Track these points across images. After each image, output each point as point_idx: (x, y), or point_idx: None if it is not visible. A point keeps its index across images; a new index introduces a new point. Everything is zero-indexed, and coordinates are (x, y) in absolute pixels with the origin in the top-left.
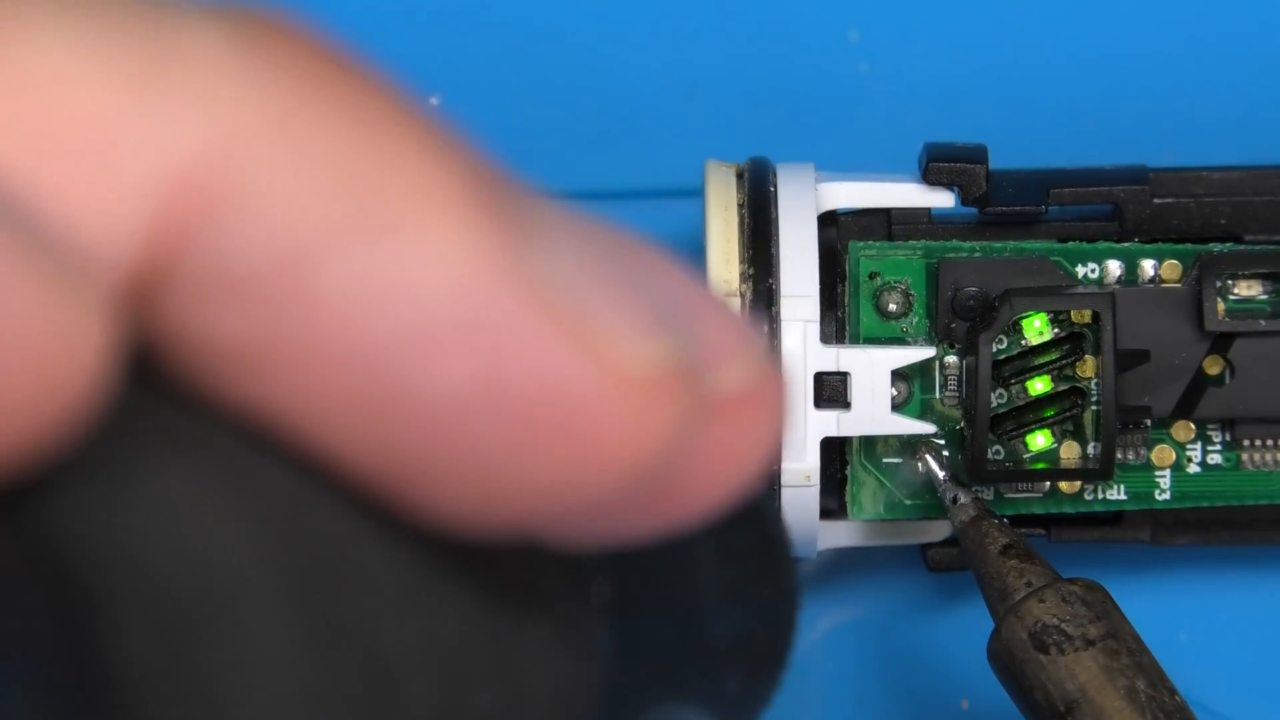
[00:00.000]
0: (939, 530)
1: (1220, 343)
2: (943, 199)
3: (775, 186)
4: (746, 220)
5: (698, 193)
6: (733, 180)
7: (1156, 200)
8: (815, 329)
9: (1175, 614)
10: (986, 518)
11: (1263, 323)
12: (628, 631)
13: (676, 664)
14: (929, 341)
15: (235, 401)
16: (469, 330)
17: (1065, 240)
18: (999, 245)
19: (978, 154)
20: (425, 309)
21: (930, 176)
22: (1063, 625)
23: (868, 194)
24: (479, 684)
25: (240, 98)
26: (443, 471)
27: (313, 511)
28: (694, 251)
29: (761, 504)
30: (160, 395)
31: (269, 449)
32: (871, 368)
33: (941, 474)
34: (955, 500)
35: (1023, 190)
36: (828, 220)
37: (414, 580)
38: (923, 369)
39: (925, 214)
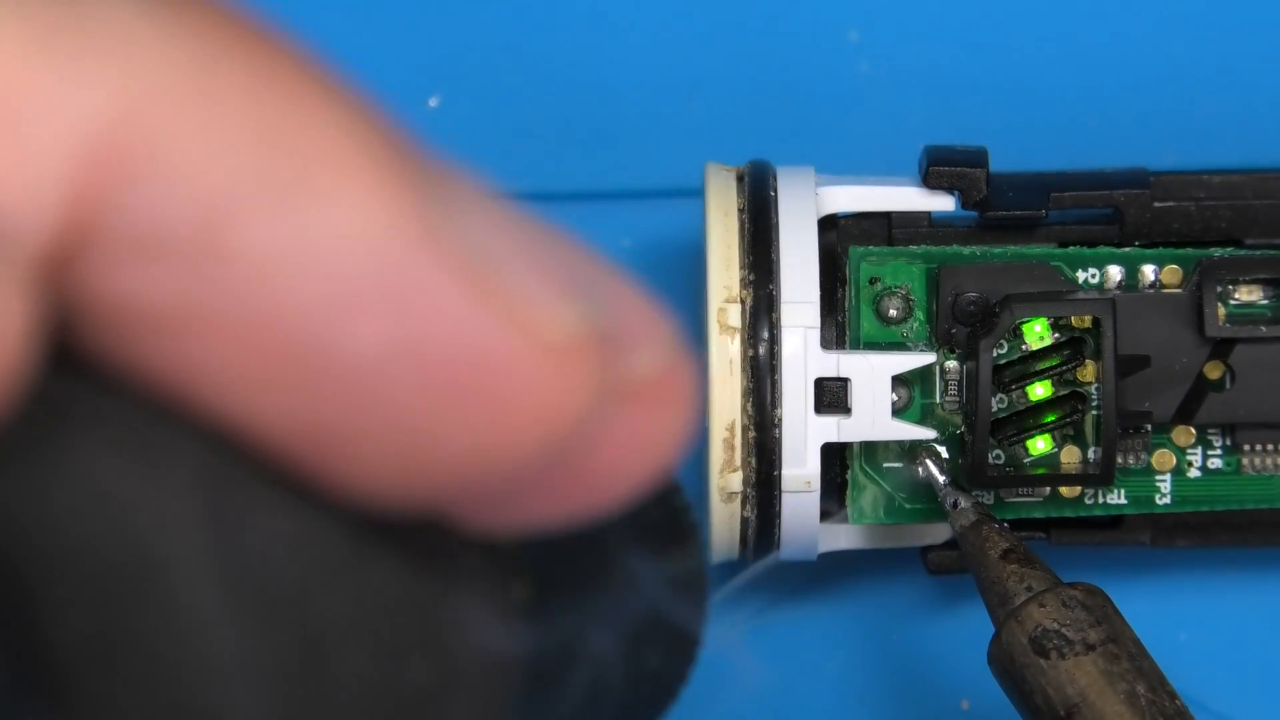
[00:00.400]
0: (939, 533)
1: (1221, 348)
2: (943, 203)
3: (775, 191)
4: (747, 226)
5: (698, 193)
6: (733, 184)
7: (1157, 204)
8: (816, 335)
9: (1175, 616)
10: (987, 522)
11: (1263, 328)
12: (547, 613)
13: (593, 641)
14: (929, 347)
15: (152, 370)
16: (384, 292)
17: (1066, 244)
18: (999, 250)
19: (978, 157)
20: (340, 270)
21: (930, 180)
22: (1063, 630)
23: (868, 198)
24: (412, 656)
25: (151, 58)
26: (359, 437)
27: (238, 483)
28: (694, 253)
29: (670, 495)
30: (78, 371)
31: (191, 422)
32: (872, 373)
33: (941, 479)
34: (955, 505)
35: (1023, 194)
36: (828, 224)
37: (340, 551)
38: (923, 374)
39: (925, 218)
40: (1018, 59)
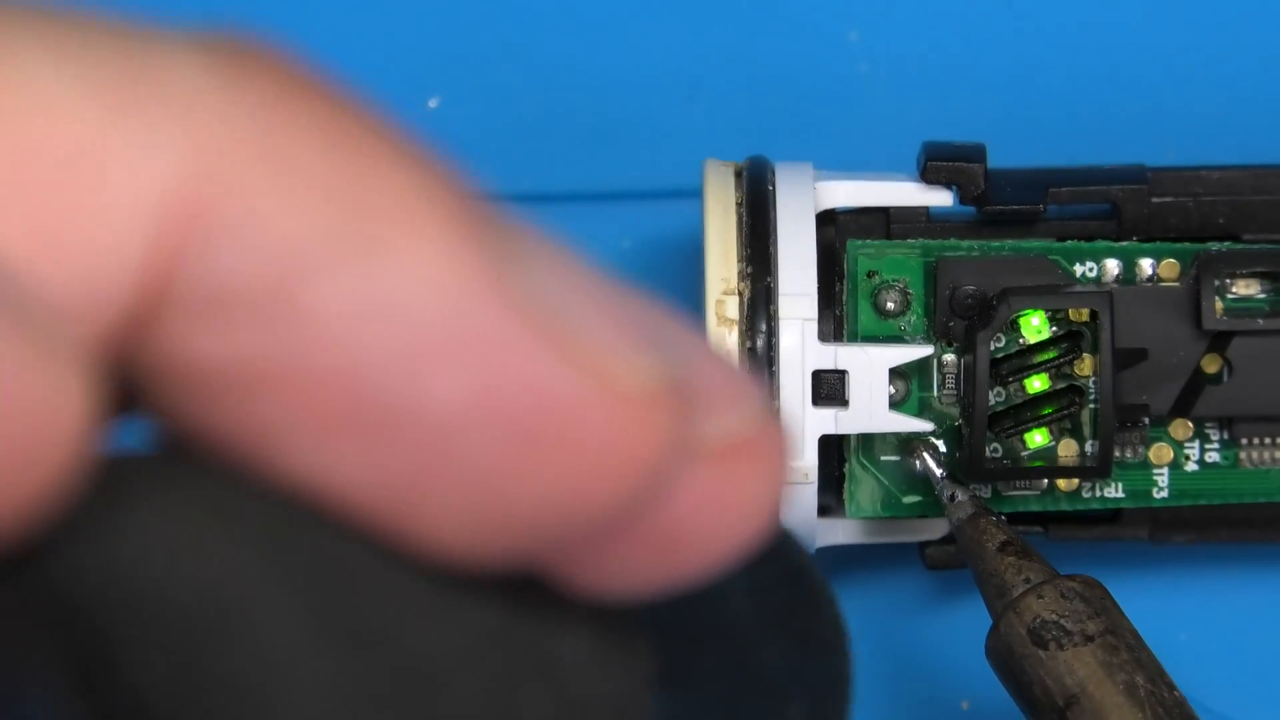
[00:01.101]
0: (937, 528)
1: (1218, 341)
2: (941, 198)
3: (774, 185)
4: (745, 219)
5: (698, 193)
6: (731, 179)
7: (1155, 200)
8: (813, 327)
9: (1175, 616)
10: (984, 515)
11: (1260, 321)
12: (675, 686)
13: (731, 705)
14: (927, 340)
15: (229, 429)
16: (459, 345)
17: (1063, 239)
18: (997, 244)
19: (976, 153)
20: (415, 324)
21: (928, 175)
22: (1061, 621)
23: (866, 193)
24: (525, 687)
25: (223, 119)
26: (438, 492)
27: (313, 532)
28: (693, 252)
29: (786, 547)
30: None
31: (262, 481)
32: (869, 366)
33: (939, 472)
34: (953, 498)
35: (1021, 189)
36: (826, 219)
37: (433, 590)
38: (920, 367)
39: (924, 213)
40: (1017, 58)
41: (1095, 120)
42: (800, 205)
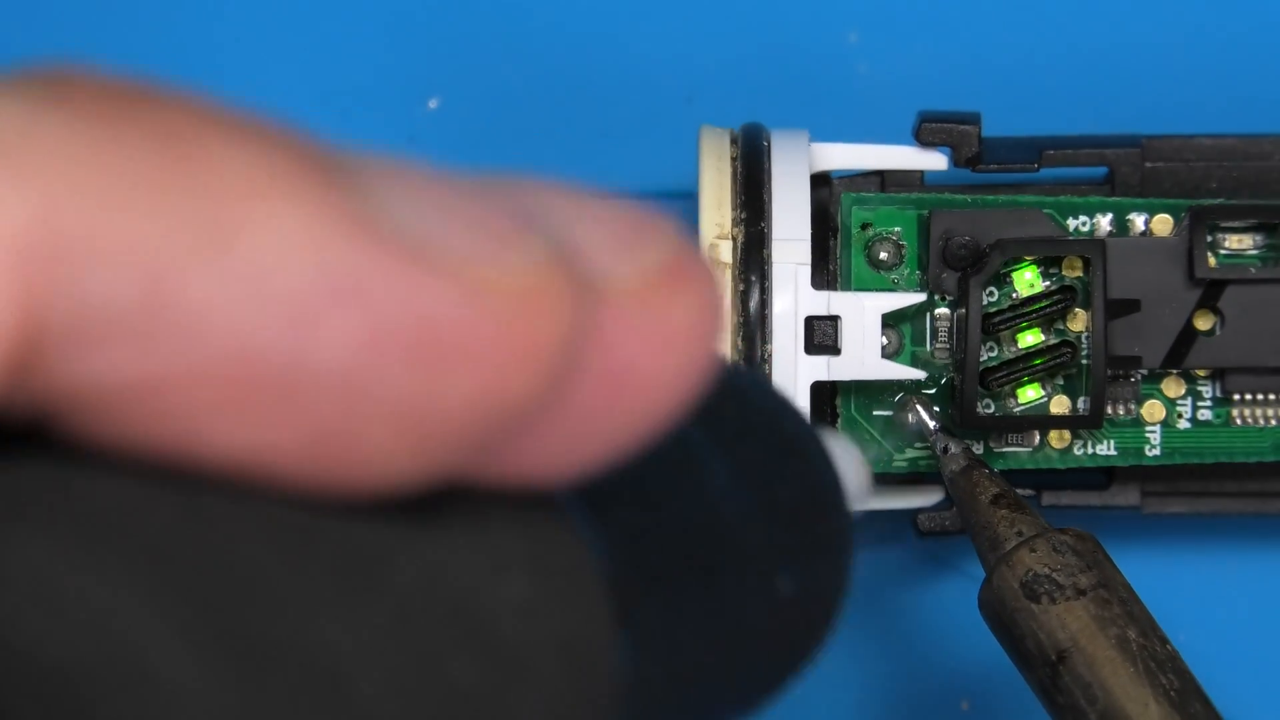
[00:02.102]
0: (928, 495)
1: (1210, 293)
2: (935, 160)
3: (769, 143)
4: (739, 169)
5: (698, 194)
6: (726, 137)
7: (1148, 164)
8: (806, 272)
9: (1175, 614)
10: (977, 467)
11: (1253, 270)
12: (644, 601)
13: (711, 599)
14: (921, 291)
15: (144, 438)
16: (336, 296)
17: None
18: (991, 198)
19: (971, 117)
20: (288, 291)
21: (923, 136)
22: (1054, 574)
23: (861, 156)
24: (451, 656)
25: (53, 154)
26: (361, 434)
27: (200, 538)
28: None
29: (752, 395)
30: (19, 471)
31: (150, 492)
32: (862, 312)
33: (932, 424)
34: (946, 450)
35: (1015, 150)
36: (821, 182)
37: (333, 579)
38: (913, 320)
39: (918, 177)
40: (1013, 35)
41: (1091, 94)
42: (795, 160)
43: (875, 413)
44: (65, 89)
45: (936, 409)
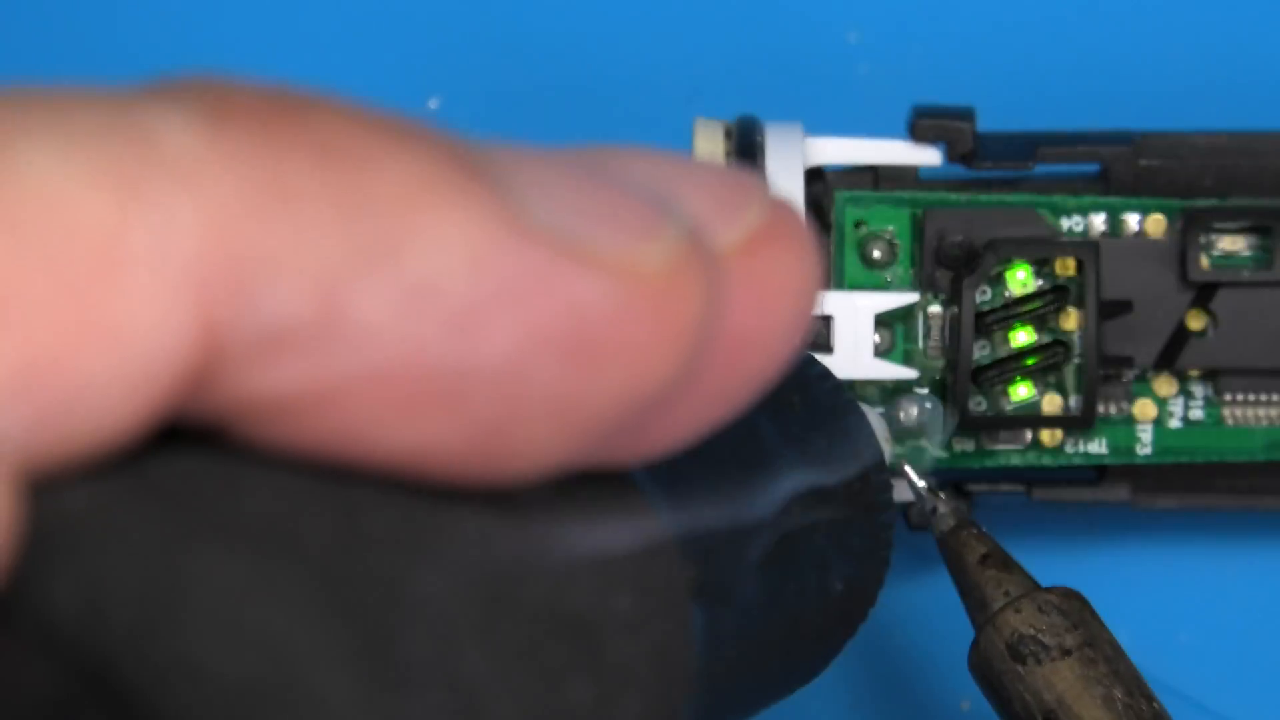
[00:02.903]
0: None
1: (1203, 295)
2: (929, 156)
3: (762, 137)
4: (733, 158)
5: None
6: (720, 131)
7: (1142, 161)
8: None
9: (1174, 613)
10: (965, 527)
11: (1246, 273)
12: (717, 588)
13: (777, 588)
14: (914, 290)
15: (318, 444)
16: (498, 298)
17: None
18: (985, 197)
19: (965, 113)
20: (455, 297)
21: (917, 132)
22: (1039, 635)
23: (855, 150)
24: (569, 676)
25: (223, 173)
26: (520, 427)
27: (363, 556)
28: None
29: (813, 384)
30: (190, 483)
31: (314, 504)
32: (854, 312)
33: (921, 484)
34: (934, 511)
35: (1009, 147)
36: (814, 177)
37: (476, 594)
38: (906, 319)
39: (912, 173)
40: (1012, 53)
41: (1086, 91)
42: (789, 154)
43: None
44: (224, 103)
45: (919, 408)
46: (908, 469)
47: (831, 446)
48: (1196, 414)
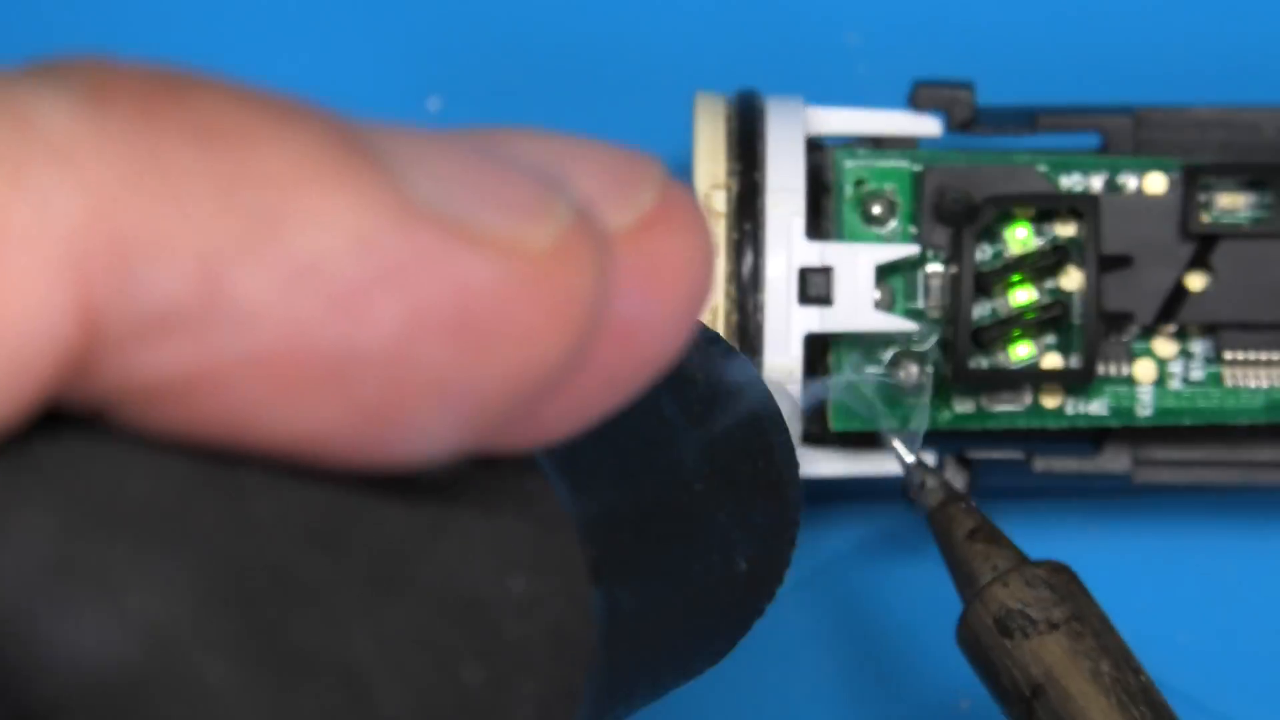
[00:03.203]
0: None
1: (1203, 247)
2: (930, 125)
3: (764, 105)
4: (735, 124)
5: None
6: (721, 101)
7: (1143, 134)
8: (800, 223)
9: (1175, 614)
10: (953, 502)
11: (1246, 226)
12: (618, 570)
13: (678, 573)
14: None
15: (200, 426)
16: (381, 276)
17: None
18: (985, 154)
19: (965, 84)
20: (342, 277)
21: (918, 100)
22: (1027, 610)
23: (855, 120)
24: (462, 659)
25: (102, 154)
26: (407, 411)
27: (249, 541)
28: None
29: (721, 364)
30: (71, 468)
31: (199, 488)
32: (856, 264)
33: (909, 458)
34: (922, 485)
35: (1009, 116)
36: (815, 148)
37: (365, 577)
38: (906, 277)
39: (912, 144)
40: (1011, 32)
41: (1086, 68)
42: (790, 119)
43: (868, 370)
44: (105, 83)
45: (930, 369)
46: (896, 444)
47: (736, 425)
48: (1197, 374)
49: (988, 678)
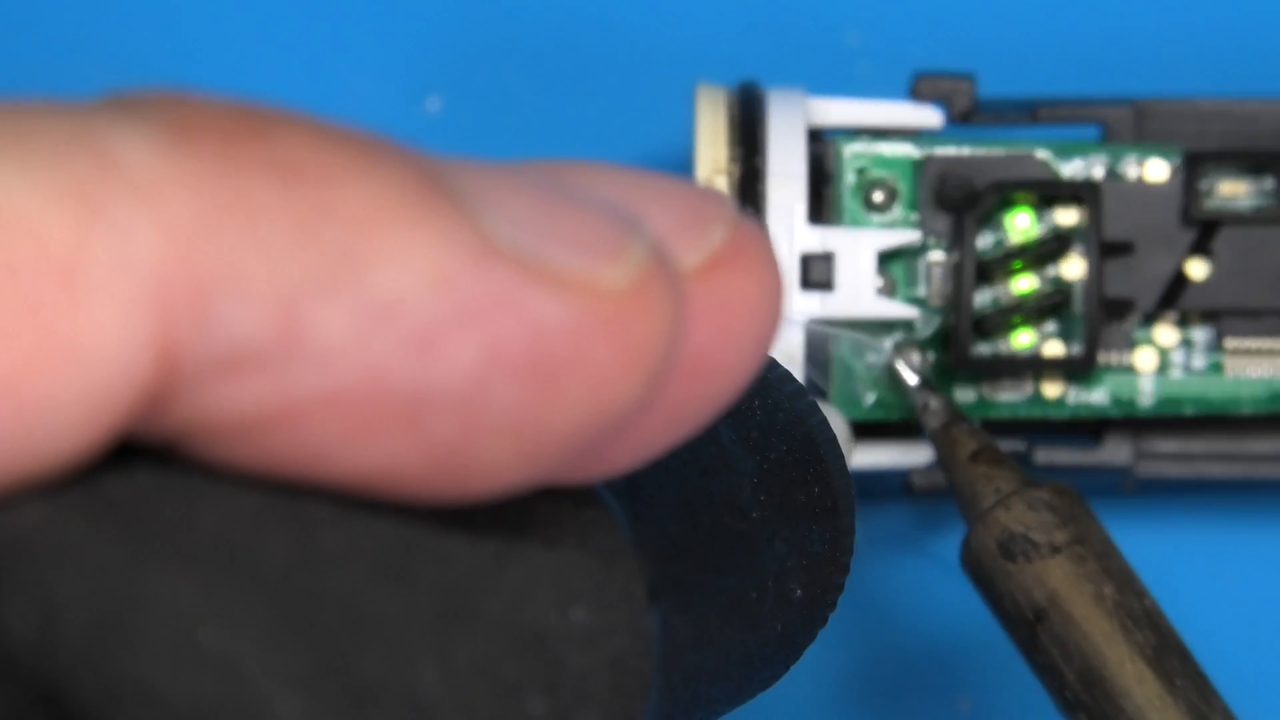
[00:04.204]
0: (924, 452)
1: (1205, 233)
2: (930, 116)
3: (765, 94)
4: (736, 109)
5: None
6: (722, 91)
7: (1144, 125)
8: (802, 208)
9: (1159, 553)
10: (956, 423)
11: (1247, 211)
12: (674, 592)
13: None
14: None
15: (274, 459)
16: (458, 317)
17: None
18: (987, 141)
19: (966, 75)
20: (415, 316)
21: (919, 92)
22: (1029, 533)
23: (856, 110)
24: (527, 691)
25: (184, 192)
26: (479, 449)
27: (319, 575)
28: None
29: (782, 393)
30: (144, 502)
31: (269, 523)
32: (858, 250)
33: (913, 379)
34: (926, 406)
35: (1010, 110)
36: (816, 139)
37: (433, 612)
38: (908, 264)
39: (914, 134)
40: (1011, 26)
41: (1087, 62)
42: (791, 107)
43: (869, 359)
44: (188, 120)
45: (931, 356)
46: (900, 365)
47: (792, 452)
48: (1198, 363)
49: (991, 601)
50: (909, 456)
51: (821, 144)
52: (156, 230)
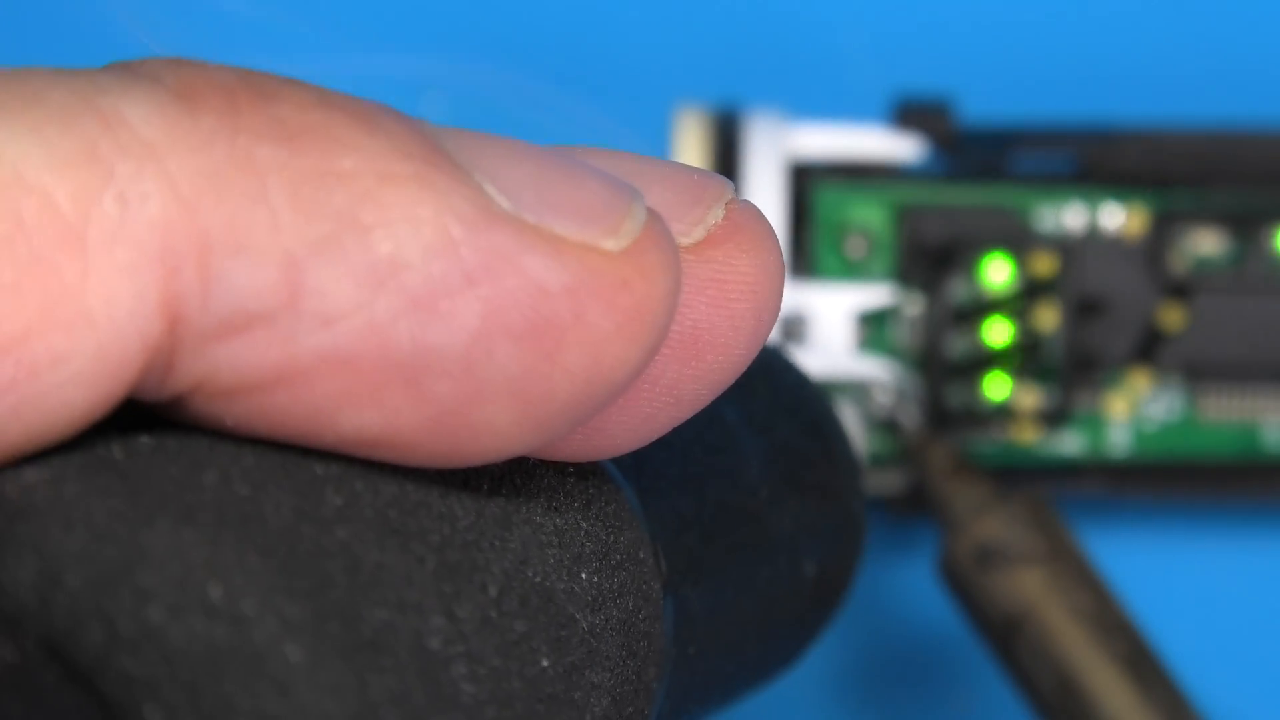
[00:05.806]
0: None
1: (1179, 293)
2: (910, 147)
3: (744, 131)
4: (716, 140)
5: None
6: (701, 121)
7: (1119, 152)
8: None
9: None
10: (933, 439)
11: (1220, 273)
12: (688, 573)
13: (746, 578)
14: (892, 284)
15: (276, 418)
16: (463, 279)
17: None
18: (965, 193)
19: (945, 103)
20: (418, 277)
21: (900, 119)
22: (1005, 544)
23: (836, 140)
24: (534, 647)
25: (188, 153)
26: (480, 410)
27: (324, 530)
28: None
29: (788, 376)
30: (149, 459)
31: (274, 479)
32: (833, 307)
33: (888, 398)
34: (903, 421)
35: (989, 142)
36: (796, 174)
37: (441, 567)
38: (883, 314)
39: (894, 172)
40: (992, 43)
41: (1066, 79)
42: (770, 141)
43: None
44: (193, 83)
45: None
46: (877, 381)
47: (798, 434)
48: (1172, 414)
49: (968, 611)
50: (884, 485)
51: (802, 180)
52: (163, 190)
